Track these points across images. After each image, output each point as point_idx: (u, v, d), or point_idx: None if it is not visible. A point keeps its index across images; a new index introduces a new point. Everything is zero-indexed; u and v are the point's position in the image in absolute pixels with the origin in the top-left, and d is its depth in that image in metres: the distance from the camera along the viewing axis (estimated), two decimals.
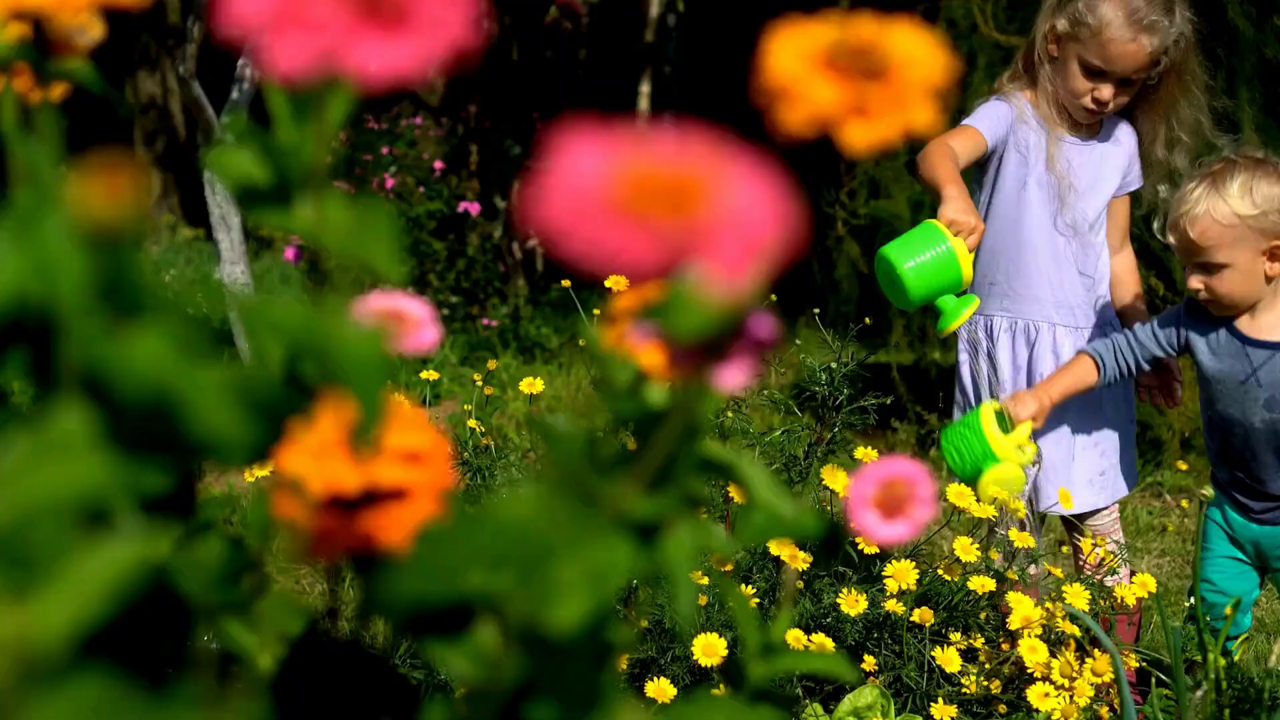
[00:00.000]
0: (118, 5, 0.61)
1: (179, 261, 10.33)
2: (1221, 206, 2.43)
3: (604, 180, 0.32)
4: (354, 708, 0.72)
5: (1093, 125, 2.78)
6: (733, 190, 0.34)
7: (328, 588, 0.68)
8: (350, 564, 0.63)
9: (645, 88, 15.62)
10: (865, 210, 5.34)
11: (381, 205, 0.57)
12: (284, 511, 0.62)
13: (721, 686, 2.08)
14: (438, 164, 7.56)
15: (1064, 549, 2.93)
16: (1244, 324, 2.53)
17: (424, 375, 2.62)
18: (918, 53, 0.52)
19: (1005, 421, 2.51)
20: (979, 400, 2.85)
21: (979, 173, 2.78)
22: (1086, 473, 2.79)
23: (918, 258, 2.34)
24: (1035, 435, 2.75)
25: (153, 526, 0.63)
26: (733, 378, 0.58)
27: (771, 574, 2.30)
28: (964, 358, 2.89)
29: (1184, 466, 3.95)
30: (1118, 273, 2.87)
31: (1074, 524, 2.86)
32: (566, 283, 2.66)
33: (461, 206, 7.59)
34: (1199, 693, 1.94)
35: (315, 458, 0.60)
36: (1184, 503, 4.51)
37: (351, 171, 7.53)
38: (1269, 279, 2.48)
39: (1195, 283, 2.51)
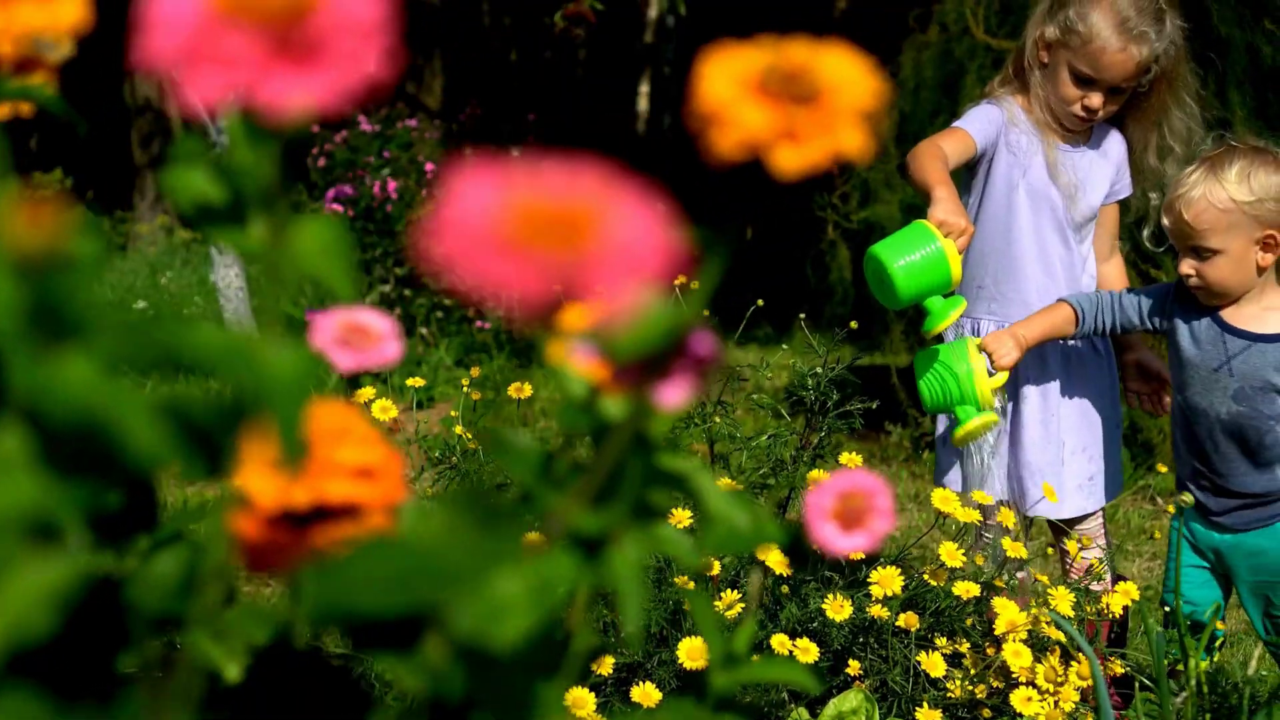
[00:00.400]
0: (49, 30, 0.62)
1: (175, 263, 10.32)
2: (1218, 191, 2.43)
3: (493, 214, 0.33)
4: (312, 717, 0.72)
5: (1083, 132, 2.78)
6: (620, 222, 0.35)
7: (288, 599, 0.69)
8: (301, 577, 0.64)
9: (645, 88, 15.66)
10: (858, 215, 5.35)
11: (334, 222, 0.57)
12: (237, 526, 0.63)
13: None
14: (429, 165, 7.56)
15: (1050, 551, 2.93)
16: (1227, 312, 2.53)
17: (410, 382, 2.61)
18: (848, 77, 0.52)
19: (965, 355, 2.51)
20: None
21: (968, 175, 2.78)
22: (1076, 477, 2.79)
23: (907, 257, 2.34)
24: (1027, 441, 2.76)
25: (104, 541, 0.64)
26: (674, 395, 0.58)
27: (760, 578, 2.30)
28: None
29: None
30: (1106, 279, 2.88)
31: (1061, 528, 2.86)
32: None
33: None
34: (1180, 697, 1.95)
35: (266, 473, 0.61)
36: (1171, 506, 4.51)
37: (349, 174, 7.54)
38: (1260, 269, 2.48)
39: (1186, 267, 2.50)
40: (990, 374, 2.50)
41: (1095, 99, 2.65)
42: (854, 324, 2.68)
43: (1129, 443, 4.74)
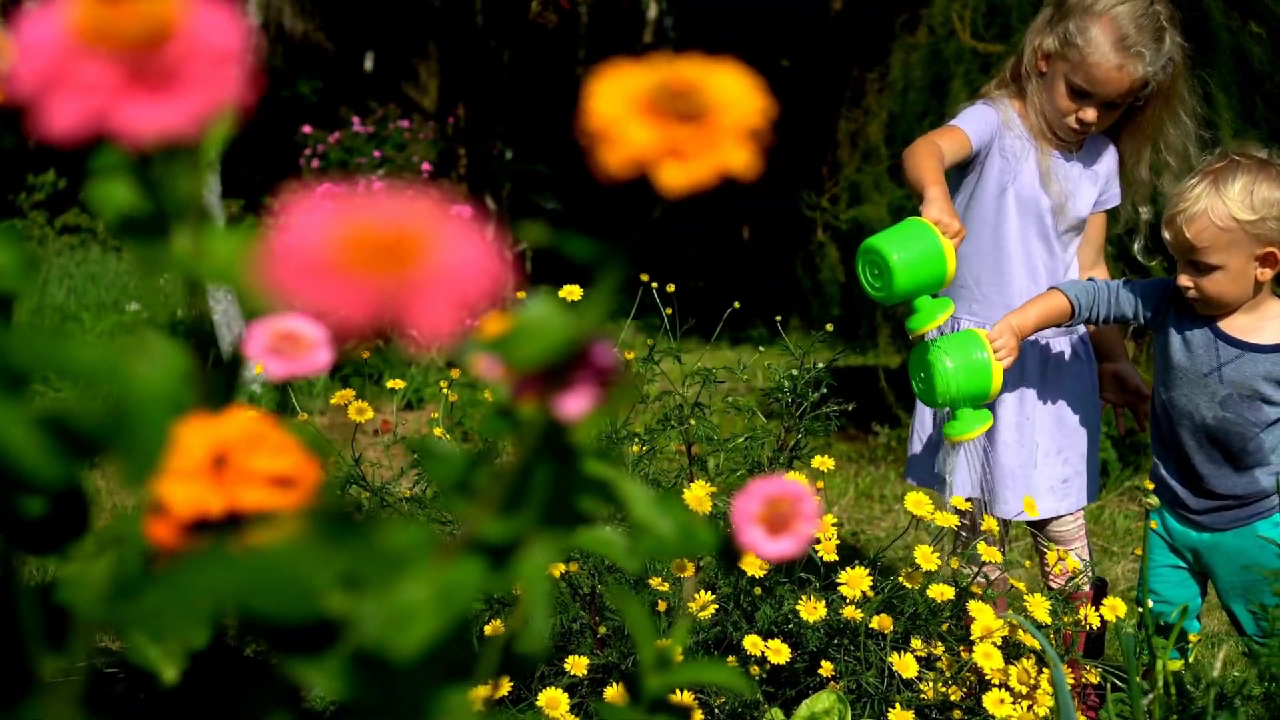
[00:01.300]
0: None
1: None
2: (1220, 208, 2.42)
3: (324, 240, 0.34)
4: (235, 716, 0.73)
5: (1075, 142, 2.79)
6: (447, 247, 0.36)
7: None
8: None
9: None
10: (846, 215, 5.36)
11: (247, 234, 0.58)
12: (154, 533, 0.64)
13: (680, 692, 2.10)
14: (425, 166, 7.59)
15: (1027, 564, 2.94)
16: (1223, 320, 2.53)
17: (391, 384, 2.62)
18: (735, 95, 0.53)
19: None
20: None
21: (958, 175, 2.78)
22: (1048, 479, 2.80)
23: (907, 251, 2.35)
24: (1000, 443, 2.77)
25: (32, 547, 0.65)
26: (575, 406, 0.59)
27: (738, 579, 2.31)
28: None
29: None
30: None
31: (1039, 531, 2.87)
32: (575, 292, 2.63)
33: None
34: (1147, 699, 1.96)
35: (180, 481, 0.62)
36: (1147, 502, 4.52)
37: (343, 174, 7.56)
38: (1258, 285, 2.49)
39: (1185, 280, 2.50)
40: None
41: (1089, 113, 2.65)
42: (829, 326, 2.68)
43: (1117, 444, 4.75)
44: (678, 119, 0.52)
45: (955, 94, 4.73)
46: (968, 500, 2.78)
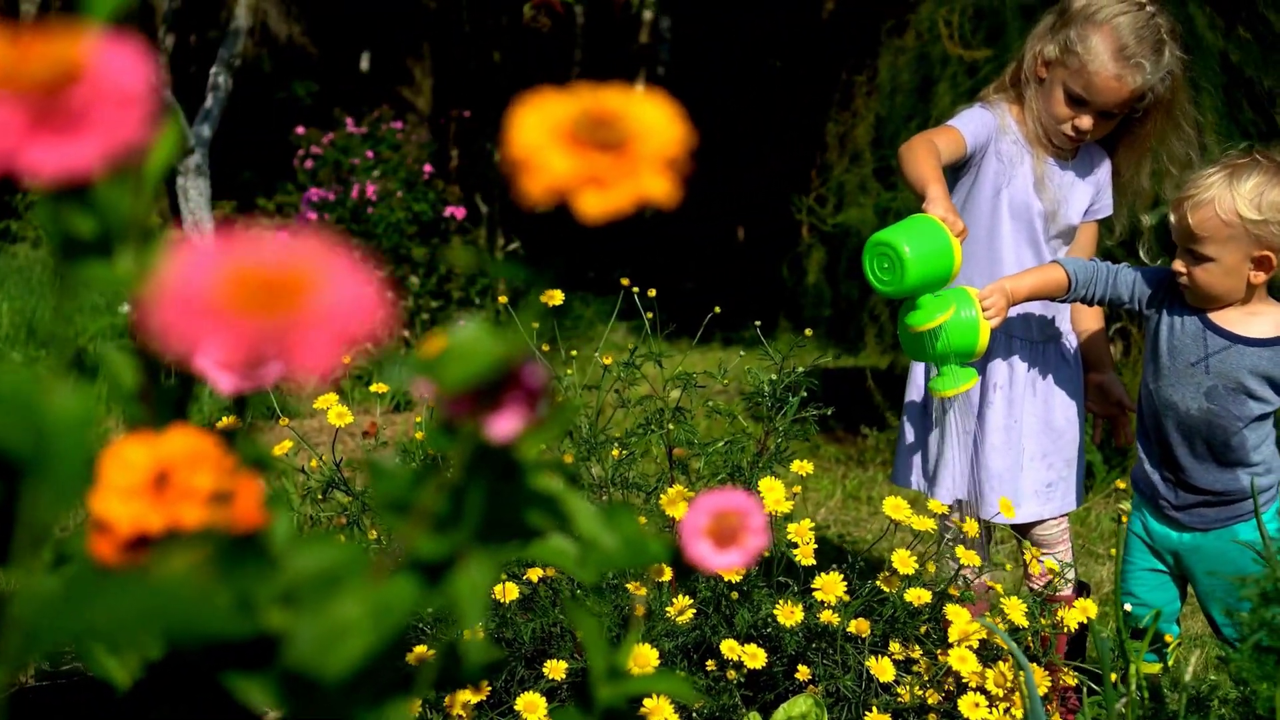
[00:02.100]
0: None
1: None
2: (1228, 201, 2.44)
3: (208, 282, 0.35)
4: None
5: (1070, 150, 2.80)
6: (330, 288, 0.37)
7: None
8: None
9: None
10: (833, 219, 5.37)
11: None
12: (97, 549, 0.65)
13: (655, 698, 2.11)
14: (427, 167, 7.59)
15: (1008, 566, 2.95)
16: (1212, 312, 2.55)
17: (375, 388, 2.63)
18: (656, 124, 0.54)
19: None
20: (928, 406, 2.87)
21: (953, 177, 2.79)
22: (1033, 483, 2.81)
23: (919, 245, 2.37)
24: (988, 446, 2.78)
25: None
26: (505, 426, 0.60)
27: (716, 582, 2.32)
28: (920, 364, 2.92)
29: None
30: None
31: (1022, 534, 2.88)
32: (556, 297, 2.64)
33: (447, 210, 7.63)
34: (1120, 703, 1.97)
35: (121, 499, 0.63)
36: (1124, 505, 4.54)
37: (336, 176, 7.56)
38: (1250, 285, 2.50)
39: (1179, 266, 2.52)
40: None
41: (1086, 120, 2.67)
42: (809, 331, 2.69)
43: (1102, 446, 4.76)
44: (598, 148, 0.53)
45: (940, 97, 4.74)
46: (957, 503, 2.80)
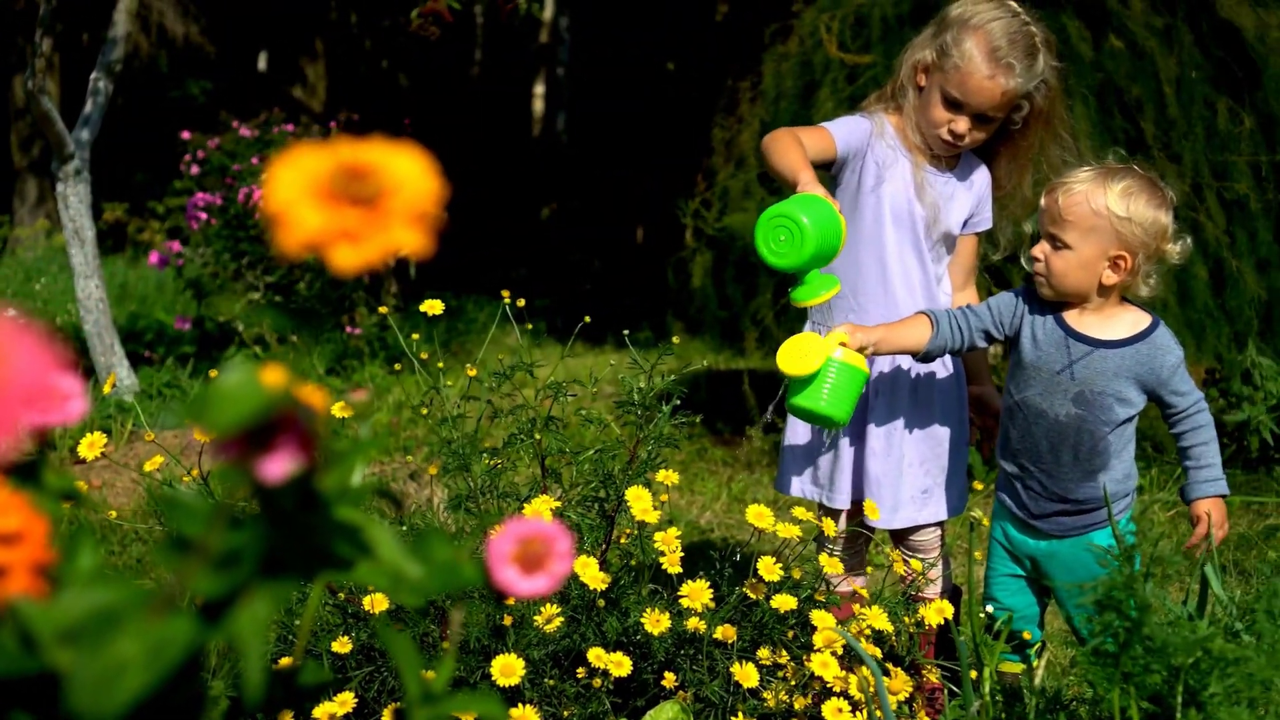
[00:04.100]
0: None
1: (52, 269, 10.19)
2: (1099, 194, 2.50)
3: None
4: None
5: (950, 160, 2.86)
6: (14, 365, 0.38)
7: None
8: None
9: (540, 89, 15.69)
10: (719, 223, 5.41)
11: None
12: None
13: (523, 706, 2.13)
14: None
15: (870, 570, 2.99)
16: (1071, 317, 2.60)
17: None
18: (410, 179, 0.56)
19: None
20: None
21: (831, 184, 2.82)
22: (910, 489, 2.84)
23: (814, 215, 2.39)
24: (868, 451, 2.82)
25: None
26: (276, 468, 0.62)
27: (584, 589, 2.34)
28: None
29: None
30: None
31: (899, 541, 2.93)
32: (436, 306, 2.65)
33: None
34: (975, 706, 2.02)
35: None
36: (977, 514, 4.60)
37: (222, 181, 7.50)
38: (1104, 286, 2.55)
39: (1038, 251, 2.58)
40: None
41: (961, 124, 2.72)
42: (676, 339, 2.72)
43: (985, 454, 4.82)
44: (351, 202, 0.55)
45: (822, 102, 4.79)
46: (842, 509, 2.84)
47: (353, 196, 0.56)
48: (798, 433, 2.95)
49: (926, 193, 2.80)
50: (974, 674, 2.14)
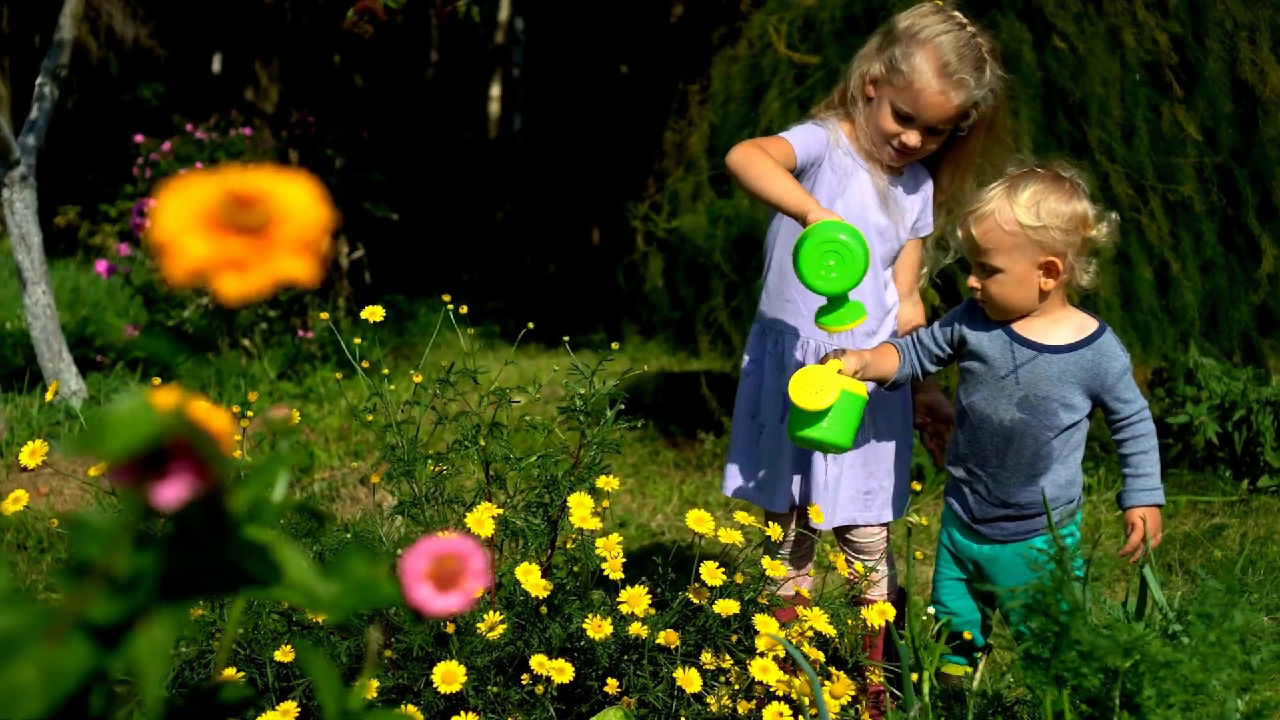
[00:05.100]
0: None
1: (1, 274, 10.12)
2: (1007, 212, 2.52)
3: None
4: None
5: (898, 166, 2.87)
6: None
7: None
8: None
9: (496, 90, 15.66)
10: (668, 225, 5.42)
11: None
12: None
13: (465, 714, 2.13)
14: None
15: (811, 572, 3.00)
16: (1018, 323, 2.62)
17: (252, 396, 2.60)
18: (298, 207, 0.56)
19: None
20: (758, 408, 2.90)
21: None
22: (850, 489, 2.86)
23: (855, 236, 2.43)
24: (816, 457, 2.83)
25: None
26: (171, 493, 0.62)
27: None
28: (750, 367, 2.96)
29: None
30: (904, 318, 2.98)
31: (844, 543, 2.95)
32: (377, 313, 2.65)
33: None
34: (915, 708, 2.03)
35: None
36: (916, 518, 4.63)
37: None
38: (1044, 292, 2.57)
39: (973, 281, 2.60)
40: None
41: (913, 136, 2.73)
42: (615, 345, 2.72)
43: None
44: (238, 231, 0.55)
45: (769, 104, 4.81)
46: (780, 512, 2.86)
47: (240, 225, 0.56)
48: (739, 436, 2.96)
49: (890, 204, 2.82)
50: (915, 676, 2.16)
